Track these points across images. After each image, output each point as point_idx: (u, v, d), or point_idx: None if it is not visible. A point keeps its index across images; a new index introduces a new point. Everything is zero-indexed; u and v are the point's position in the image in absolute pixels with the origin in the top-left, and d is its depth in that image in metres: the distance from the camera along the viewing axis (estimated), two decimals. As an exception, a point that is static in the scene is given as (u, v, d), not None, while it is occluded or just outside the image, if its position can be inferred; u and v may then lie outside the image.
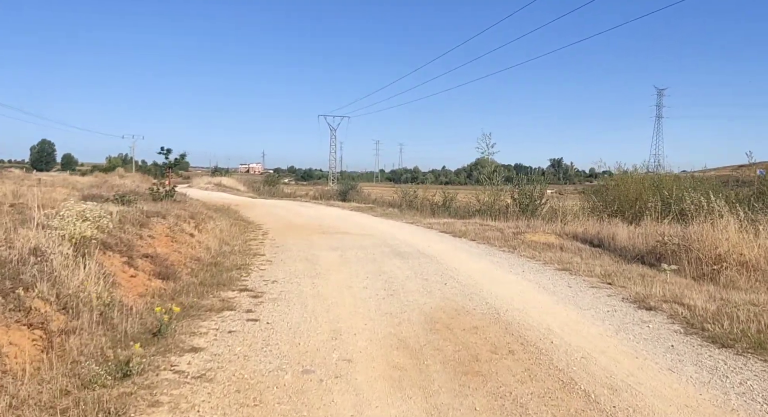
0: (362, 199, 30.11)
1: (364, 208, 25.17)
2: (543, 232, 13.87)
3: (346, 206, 26.44)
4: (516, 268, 9.03)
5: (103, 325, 5.01)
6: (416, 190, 26.80)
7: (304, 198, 34.58)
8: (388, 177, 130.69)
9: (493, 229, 14.73)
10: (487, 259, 10.07)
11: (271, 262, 9.18)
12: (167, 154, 17.23)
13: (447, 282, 7.76)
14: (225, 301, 6.29)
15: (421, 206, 24.96)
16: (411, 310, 6.12)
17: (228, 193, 39.82)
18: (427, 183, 79.18)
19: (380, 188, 71.18)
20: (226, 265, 8.58)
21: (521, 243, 12.26)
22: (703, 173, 20.82)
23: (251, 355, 4.54)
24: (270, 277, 7.88)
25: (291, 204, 28.41)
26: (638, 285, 7.47)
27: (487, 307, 6.34)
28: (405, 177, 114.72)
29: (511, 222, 16.52)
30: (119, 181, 30.88)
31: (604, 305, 6.45)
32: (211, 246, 10.38)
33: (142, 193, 19.77)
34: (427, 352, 4.71)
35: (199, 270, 8.09)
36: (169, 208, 13.55)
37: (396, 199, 28.33)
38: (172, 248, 9.03)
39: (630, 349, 4.88)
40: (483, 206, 20.69)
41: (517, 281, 7.94)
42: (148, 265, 7.44)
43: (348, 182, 34.24)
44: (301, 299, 6.57)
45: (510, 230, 14.39)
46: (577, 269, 8.78)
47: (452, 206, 23.86)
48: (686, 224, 11.01)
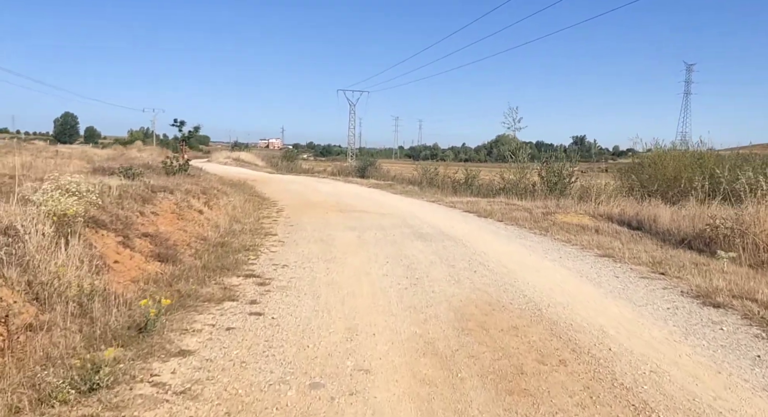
0: (381, 176, 29.22)
1: (383, 185, 24.30)
2: (575, 213, 12.87)
3: (365, 183, 25.59)
4: (551, 254, 8.12)
5: (81, 319, 4.27)
6: (437, 167, 25.79)
7: (322, 174, 33.80)
8: (407, 154, 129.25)
9: (521, 209, 13.77)
10: (517, 242, 9.17)
11: (283, 243, 8.41)
12: (181, 126, 16.50)
13: (476, 269, 6.90)
14: (227, 289, 5.53)
15: (442, 184, 23.99)
16: (438, 304, 5.29)
17: (246, 168, 39.22)
18: (447, 160, 77.93)
19: (399, 165, 70.17)
20: (234, 246, 7.82)
21: (552, 224, 11.31)
22: (736, 151, 19.48)
23: (250, 361, 3.76)
24: (280, 260, 7.10)
25: (309, 180, 27.65)
26: (695, 275, 6.52)
27: (525, 300, 5.48)
28: (424, 154, 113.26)
29: (539, 201, 15.51)
30: (136, 154, 30.41)
31: (661, 301, 5.54)
32: (220, 224, 9.63)
33: (156, 167, 19.16)
34: (460, 361, 3.88)
35: (204, 251, 7.34)
36: (181, 182, 12.85)
37: (416, 176, 27.38)
38: (176, 226, 8.30)
39: (707, 359, 4.00)
40: (508, 184, 19.66)
41: (555, 269, 7.04)
42: (146, 246, 6.70)
43: (367, 158, 33.31)
44: (312, 288, 5.78)
45: (539, 210, 13.42)
46: (620, 255, 7.84)
47: (474, 184, 22.84)
48: (737, 206, 9.96)
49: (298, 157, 45.60)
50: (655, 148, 16.16)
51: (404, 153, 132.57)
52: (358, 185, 24.54)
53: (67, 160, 25.20)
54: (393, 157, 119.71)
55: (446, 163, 30.02)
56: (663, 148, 16.14)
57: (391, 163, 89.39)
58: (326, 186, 23.03)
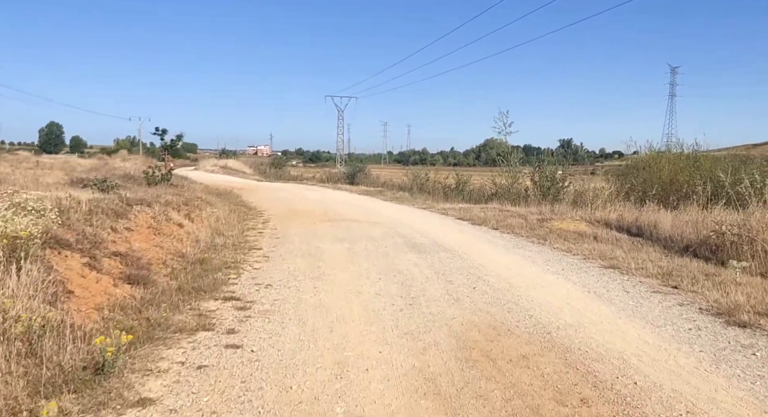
0: (371, 182, 28.71)
1: (372, 191, 23.79)
2: (571, 219, 12.43)
3: (354, 190, 25.06)
4: (553, 265, 7.63)
5: (28, 360, 3.69)
6: (427, 172, 25.33)
7: (311, 181, 33.21)
8: (397, 159, 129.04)
9: (515, 216, 13.31)
10: (516, 252, 8.67)
11: (268, 259, 7.84)
12: (162, 135, 15.92)
13: (476, 285, 6.39)
14: (203, 315, 4.96)
15: (432, 189, 23.54)
16: (437, 329, 4.76)
17: (233, 176, 38.53)
18: (436, 165, 77.53)
19: (389, 170, 69.76)
20: (215, 263, 7.24)
21: (549, 232, 10.85)
22: (732, 152, 19.19)
23: (222, 410, 3.20)
24: (264, 279, 6.53)
25: (297, 187, 27.07)
26: (711, 289, 6.05)
27: (533, 322, 4.97)
28: (413, 159, 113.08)
29: (533, 207, 15.07)
30: (120, 163, 29.65)
31: (681, 320, 5.06)
32: (201, 238, 9.05)
33: (137, 177, 18.49)
34: (467, 403, 3.35)
35: (181, 270, 6.75)
36: (161, 193, 12.26)
37: (406, 181, 26.91)
38: (152, 242, 7.70)
39: (748, 394, 3.50)
40: (500, 190, 19.23)
41: (560, 283, 6.54)
42: (116, 266, 6.11)
43: (356, 164, 32.79)
44: (298, 312, 5.22)
45: (534, 217, 12.97)
46: (626, 266, 7.36)
47: (466, 190, 22.40)
48: (742, 210, 9.57)
49: (286, 164, 44.94)
50: (650, 151, 15.82)
51: (393, 158, 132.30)
52: (348, 192, 24.00)
53: (48, 171, 24.42)
54: (382, 163, 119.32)
55: (436, 168, 29.58)
56: (657, 150, 15.80)
57: (381, 168, 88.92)
58: (315, 193, 22.46)
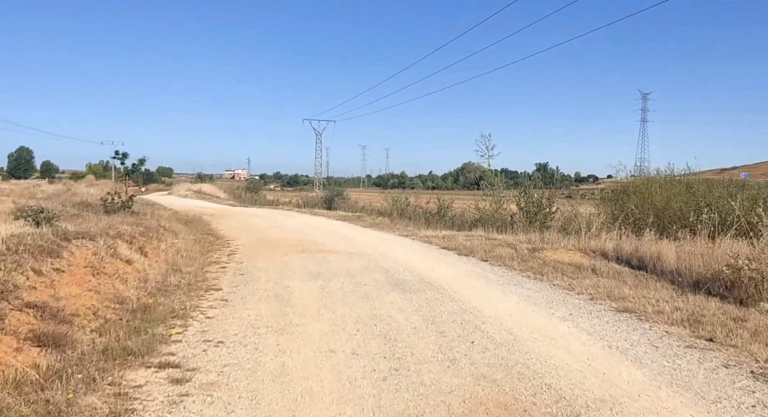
0: (349, 207, 27.59)
1: (351, 217, 22.66)
2: (564, 249, 11.46)
3: (332, 215, 23.90)
4: (558, 307, 6.56)
5: None
6: (408, 196, 24.33)
7: (287, 206, 31.94)
8: (375, 182, 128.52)
9: (504, 245, 12.30)
10: (512, 291, 7.60)
11: (227, 303, 6.62)
12: (123, 158, 14.63)
13: (473, 337, 5.27)
14: (122, 396, 3.73)
15: (413, 215, 22.53)
16: (432, 410, 3.62)
17: (206, 201, 37.06)
18: (415, 188, 76.99)
19: (368, 194, 68.79)
20: (160, 311, 6.00)
21: (543, 264, 9.84)
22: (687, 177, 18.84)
23: None
24: (216, 333, 5.32)
25: (272, 213, 25.79)
26: (749, 341, 5.04)
27: (553, 396, 3.86)
28: (392, 182, 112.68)
29: (521, 234, 14.10)
30: (84, 189, 28.06)
31: (736, 390, 4.00)
32: (152, 277, 7.78)
33: (96, 205, 17.09)
34: None
35: (114, 323, 5.49)
36: (117, 223, 10.98)
37: (386, 206, 25.88)
38: (87, 286, 6.42)
39: None
40: (483, 215, 18.28)
41: (573, 334, 5.47)
42: (27, 322, 4.85)
43: (334, 188, 31.67)
44: (252, 384, 4.03)
45: (524, 246, 11.98)
46: (641, 309, 6.34)
47: (448, 215, 21.44)
48: (754, 241, 8.70)
49: (262, 188, 43.59)
50: (639, 175, 15.07)
51: (372, 182, 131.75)
52: (325, 218, 22.83)
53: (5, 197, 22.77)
54: (361, 186, 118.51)
55: (416, 191, 28.60)
56: (646, 174, 15.07)
57: (360, 192, 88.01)
58: (290, 220, 21.23)
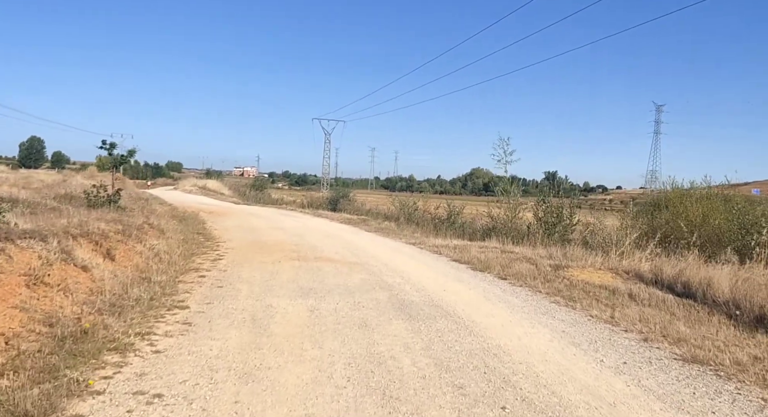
0: (355, 210, 26.22)
1: (355, 220, 21.29)
2: (593, 268, 10.03)
3: (336, 217, 22.54)
4: (606, 352, 5.12)
5: None
6: (416, 201, 22.93)
7: (291, 205, 30.60)
8: (383, 185, 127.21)
9: (522, 260, 10.88)
10: (542, 322, 6.17)
11: (188, 328, 5.25)
12: (110, 149, 13.30)
13: (504, 399, 3.86)
14: None
15: (421, 220, 21.12)
16: None
17: (210, 198, 35.85)
18: (423, 192, 75.58)
19: (375, 196, 67.41)
20: (98, 339, 4.64)
21: (571, 285, 8.42)
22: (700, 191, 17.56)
23: None
24: (157, 378, 3.94)
25: (274, 213, 24.47)
26: None
27: None
28: (400, 185, 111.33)
29: (540, 248, 12.67)
30: (81, 180, 26.82)
31: None
32: (109, 288, 6.43)
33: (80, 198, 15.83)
34: None
35: (27, 357, 4.13)
36: (92, 219, 9.71)
37: (393, 210, 24.49)
38: (13, 301, 5.06)
39: None
40: (497, 224, 16.84)
41: (639, 401, 4.02)
42: None
43: (340, 189, 30.30)
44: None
45: (545, 261, 10.56)
46: (713, 358, 4.90)
47: (458, 221, 20.01)
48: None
49: (267, 186, 42.31)
50: (673, 187, 13.59)
51: (380, 184, 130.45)
52: (328, 220, 21.48)
53: (-3, 185, 21.63)
54: (369, 188, 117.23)
55: (425, 195, 27.17)
56: (681, 186, 13.59)
57: (367, 193, 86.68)
58: (291, 221, 19.89)
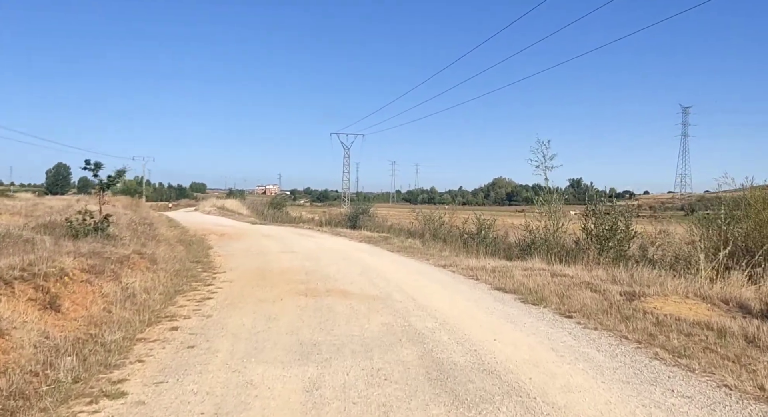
0: (376, 226, 24.18)
1: (377, 238, 19.24)
2: (678, 296, 7.76)
3: (356, 236, 20.53)
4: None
5: None
6: (441, 215, 20.75)
7: (309, 224, 28.71)
8: (405, 198, 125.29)
9: (581, 286, 8.68)
10: (661, 403, 3.99)
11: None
12: (95, 170, 11.57)
13: None
14: None
15: (448, 236, 18.96)
16: None
17: (227, 218, 34.30)
18: (446, 204, 73.24)
19: (397, 210, 65.44)
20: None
21: (660, 324, 6.21)
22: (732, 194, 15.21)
23: None
24: None
25: (289, 233, 22.59)
26: None
27: None
28: (421, 198, 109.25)
29: (598, 269, 10.42)
30: (90, 206, 25.35)
31: None
32: (22, 361, 4.49)
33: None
34: None
35: None
36: (62, 252, 7.99)
37: (416, 225, 22.36)
38: None
39: None
40: (536, 238, 14.58)
41: None
42: None
43: (359, 205, 28.34)
44: None
45: (610, 288, 8.34)
46: None
47: (489, 236, 17.77)
48: None
49: (286, 204, 40.65)
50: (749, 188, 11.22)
51: (402, 197, 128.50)
52: (347, 239, 19.49)
53: (0, 213, 20.27)
54: (390, 202, 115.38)
55: (451, 208, 24.99)
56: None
57: (389, 207, 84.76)
58: (306, 242, 17.95)
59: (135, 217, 21.31)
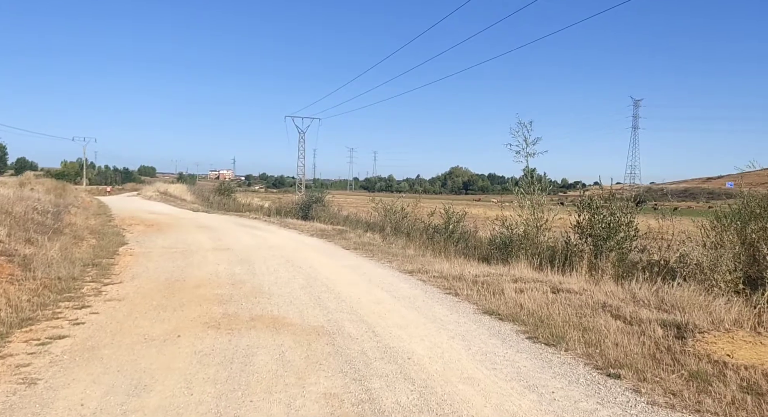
0: (330, 217, 21.41)
1: (330, 232, 16.53)
2: (744, 331, 5.49)
3: (307, 228, 17.73)
4: None
5: None
6: (404, 206, 18.20)
7: (257, 212, 25.60)
8: (363, 185, 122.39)
9: (596, 308, 6.35)
10: None
11: None
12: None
13: None
14: None
15: (411, 229, 16.46)
16: None
17: (168, 205, 30.70)
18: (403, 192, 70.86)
19: (354, 197, 62.57)
20: None
21: (750, 389, 3.88)
22: (676, 185, 13.44)
23: None
24: None
25: (231, 223, 19.54)
26: None
27: None
28: (379, 185, 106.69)
29: (609, 282, 8.14)
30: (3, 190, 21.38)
31: None
32: None
33: None
34: None
35: None
36: None
37: (375, 216, 19.76)
38: None
39: None
40: (516, 236, 12.24)
41: None
42: None
43: (313, 193, 25.45)
44: None
45: (637, 312, 6.03)
46: None
47: (458, 231, 15.37)
48: None
49: (233, 190, 37.23)
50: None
51: (359, 184, 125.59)
52: (297, 232, 16.69)
53: None
54: (348, 189, 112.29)
55: (415, 196, 22.51)
56: None
57: (346, 195, 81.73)
58: (247, 235, 15.05)
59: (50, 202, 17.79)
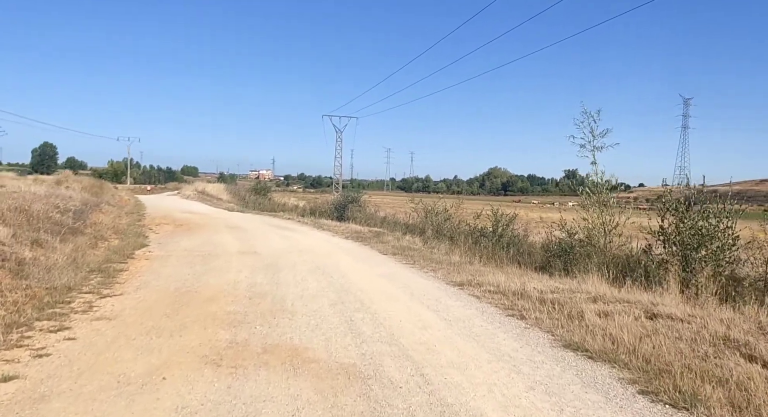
0: (367, 218, 20.01)
1: (366, 234, 15.11)
2: None
3: (341, 230, 16.37)
4: None
5: None
6: (446, 208, 16.60)
7: (291, 213, 24.46)
8: (400, 186, 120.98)
9: (720, 346, 4.69)
10: None
11: None
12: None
13: None
14: None
15: (455, 232, 14.88)
16: None
17: (204, 204, 30.05)
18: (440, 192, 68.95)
19: (391, 198, 61.16)
20: None
21: None
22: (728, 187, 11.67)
23: None
24: None
25: (264, 224, 18.40)
26: None
27: None
28: (416, 186, 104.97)
29: (714, 305, 6.38)
30: (35, 188, 21.01)
31: None
32: None
33: None
34: None
35: None
36: None
37: (415, 218, 18.24)
38: None
39: None
40: (577, 242, 10.51)
41: None
42: None
43: (349, 193, 24.14)
44: None
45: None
46: None
47: (507, 234, 13.70)
48: None
49: (269, 190, 36.43)
50: None
51: (396, 185, 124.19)
52: (330, 234, 15.35)
53: None
54: (385, 189, 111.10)
55: (458, 198, 20.84)
56: None
57: (383, 195, 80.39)
58: (278, 237, 13.80)
59: (80, 200, 17.08)
